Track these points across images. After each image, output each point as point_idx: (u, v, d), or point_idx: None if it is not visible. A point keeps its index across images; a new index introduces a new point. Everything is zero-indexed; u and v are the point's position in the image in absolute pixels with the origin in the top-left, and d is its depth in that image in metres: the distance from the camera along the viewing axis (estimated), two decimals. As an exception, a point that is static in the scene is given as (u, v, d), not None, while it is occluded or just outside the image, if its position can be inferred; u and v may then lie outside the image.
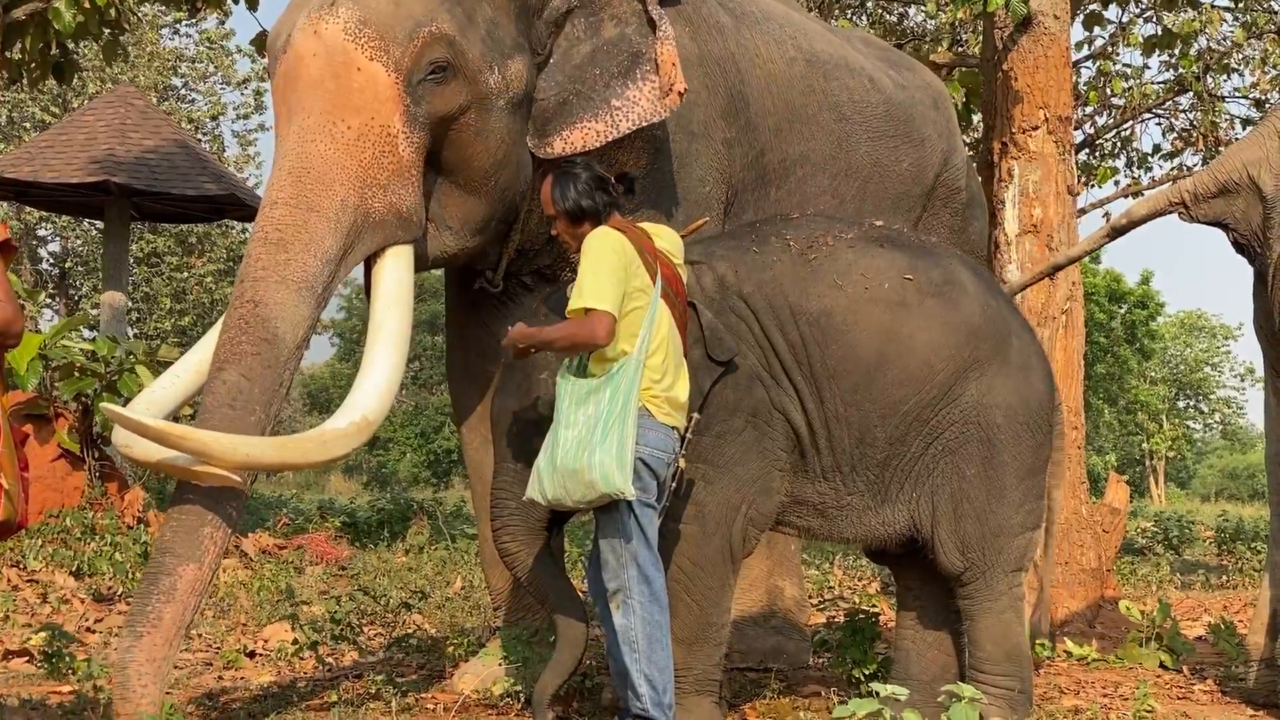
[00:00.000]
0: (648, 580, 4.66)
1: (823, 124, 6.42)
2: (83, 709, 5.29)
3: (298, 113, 5.13)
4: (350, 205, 5.05)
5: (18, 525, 4.06)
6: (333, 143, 5.07)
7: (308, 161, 5.05)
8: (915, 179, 6.83)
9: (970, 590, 5.37)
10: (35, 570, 8.66)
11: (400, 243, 5.22)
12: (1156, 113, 17.08)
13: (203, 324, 26.04)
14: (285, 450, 4.88)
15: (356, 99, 5.10)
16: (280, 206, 5.02)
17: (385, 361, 5.05)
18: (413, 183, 5.20)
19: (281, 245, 4.96)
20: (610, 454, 4.50)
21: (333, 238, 5.01)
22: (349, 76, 5.10)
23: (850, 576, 11.32)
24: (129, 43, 21.63)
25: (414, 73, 5.15)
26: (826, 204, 6.34)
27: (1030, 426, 5.38)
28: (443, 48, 5.19)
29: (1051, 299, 7.66)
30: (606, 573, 4.68)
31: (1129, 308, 38.85)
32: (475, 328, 6.03)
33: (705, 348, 5.01)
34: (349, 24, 5.11)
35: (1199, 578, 12.19)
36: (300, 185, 5.03)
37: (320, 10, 5.15)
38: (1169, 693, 6.43)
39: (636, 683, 4.58)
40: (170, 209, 16.20)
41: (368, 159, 5.08)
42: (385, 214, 5.14)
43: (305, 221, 4.99)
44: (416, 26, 5.15)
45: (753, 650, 6.57)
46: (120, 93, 16.87)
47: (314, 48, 5.12)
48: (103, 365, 10.44)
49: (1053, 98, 7.78)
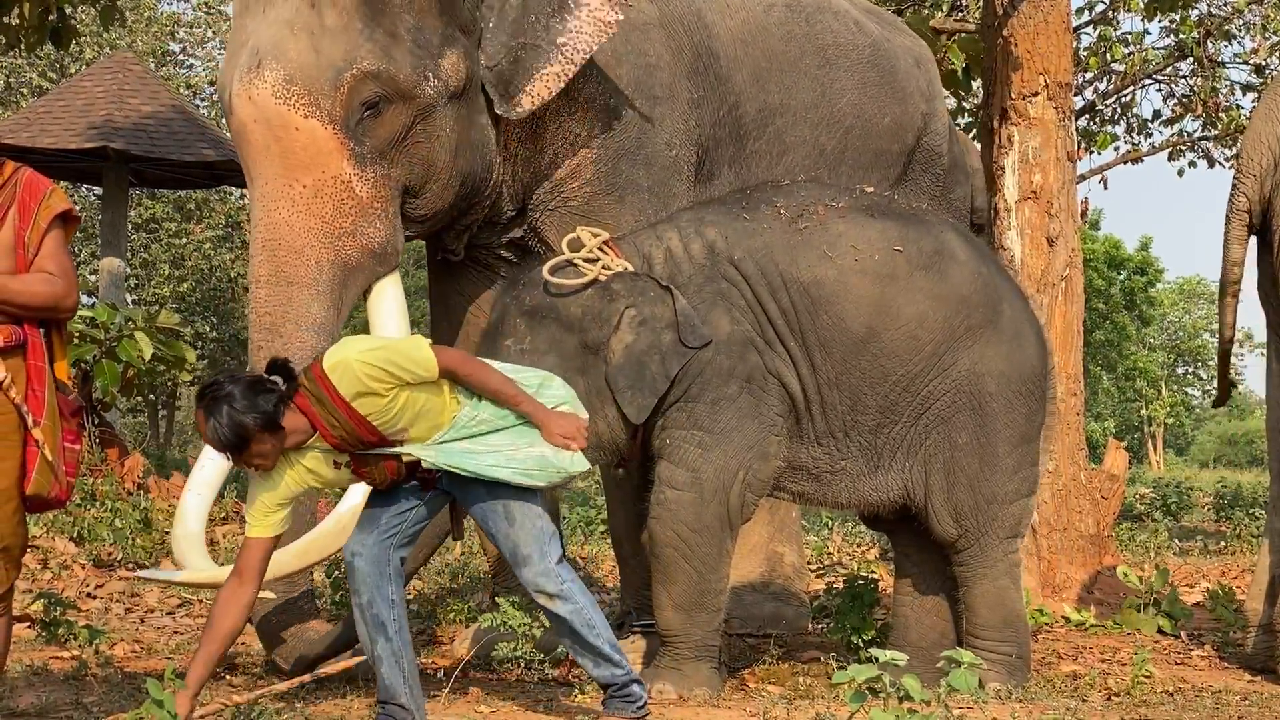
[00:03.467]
0: (564, 558, 4.54)
1: (805, 69, 6.35)
2: (84, 674, 5.30)
3: (257, 178, 5.27)
4: (325, 263, 5.18)
5: (56, 499, 4.06)
6: (293, 205, 5.18)
7: (275, 232, 5.18)
8: (895, 136, 6.75)
9: (966, 557, 5.40)
10: (36, 536, 8.65)
11: (382, 277, 5.36)
12: (1157, 78, 17.04)
13: (201, 289, 26.01)
14: (308, 556, 5.11)
15: (303, 157, 5.18)
16: (263, 286, 5.20)
17: None
18: (378, 217, 5.29)
19: (274, 330, 5.15)
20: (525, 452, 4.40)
21: (319, 304, 5.18)
22: (290, 138, 5.17)
23: (849, 543, 11.34)
24: (126, 7, 21.56)
25: (349, 117, 5.20)
26: (806, 155, 6.29)
27: (1023, 394, 5.39)
28: (371, 84, 5.20)
29: (1050, 266, 7.65)
30: (531, 567, 4.44)
31: (1128, 274, 38.78)
32: (457, 297, 6.06)
33: (678, 332, 5.02)
34: (275, 86, 5.14)
35: (1197, 544, 12.21)
36: (275, 260, 5.17)
37: (248, 74, 5.19)
38: (1167, 658, 6.45)
39: (608, 654, 4.53)
40: (168, 175, 16.19)
41: (329, 212, 5.19)
42: (360, 258, 5.26)
43: (289, 298, 5.15)
44: (339, 73, 5.17)
45: (752, 616, 6.59)
46: (118, 58, 16.84)
47: (251, 113, 5.20)
48: (102, 332, 10.44)
49: (1053, 64, 7.74)
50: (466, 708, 4.86)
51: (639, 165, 5.77)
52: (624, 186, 5.73)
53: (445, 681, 5.17)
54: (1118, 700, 5.44)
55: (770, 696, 5.22)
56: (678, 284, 5.13)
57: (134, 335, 10.41)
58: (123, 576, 8.06)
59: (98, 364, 10.33)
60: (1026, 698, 5.30)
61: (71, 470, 4.09)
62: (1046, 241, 7.64)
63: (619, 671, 4.56)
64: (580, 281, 5.11)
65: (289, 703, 4.85)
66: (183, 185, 17.92)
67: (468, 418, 4.36)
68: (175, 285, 26.05)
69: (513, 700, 5.05)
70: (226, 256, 25.43)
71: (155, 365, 10.78)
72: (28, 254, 4.02)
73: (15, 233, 4.00)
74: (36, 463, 3.96)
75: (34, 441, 3.96)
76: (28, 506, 4.04)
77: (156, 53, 25.72)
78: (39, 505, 4.08)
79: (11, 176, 4.04)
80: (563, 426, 4.38)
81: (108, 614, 7.05)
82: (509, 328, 5.08)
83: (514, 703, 5.01)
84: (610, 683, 4.58)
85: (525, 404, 4.39)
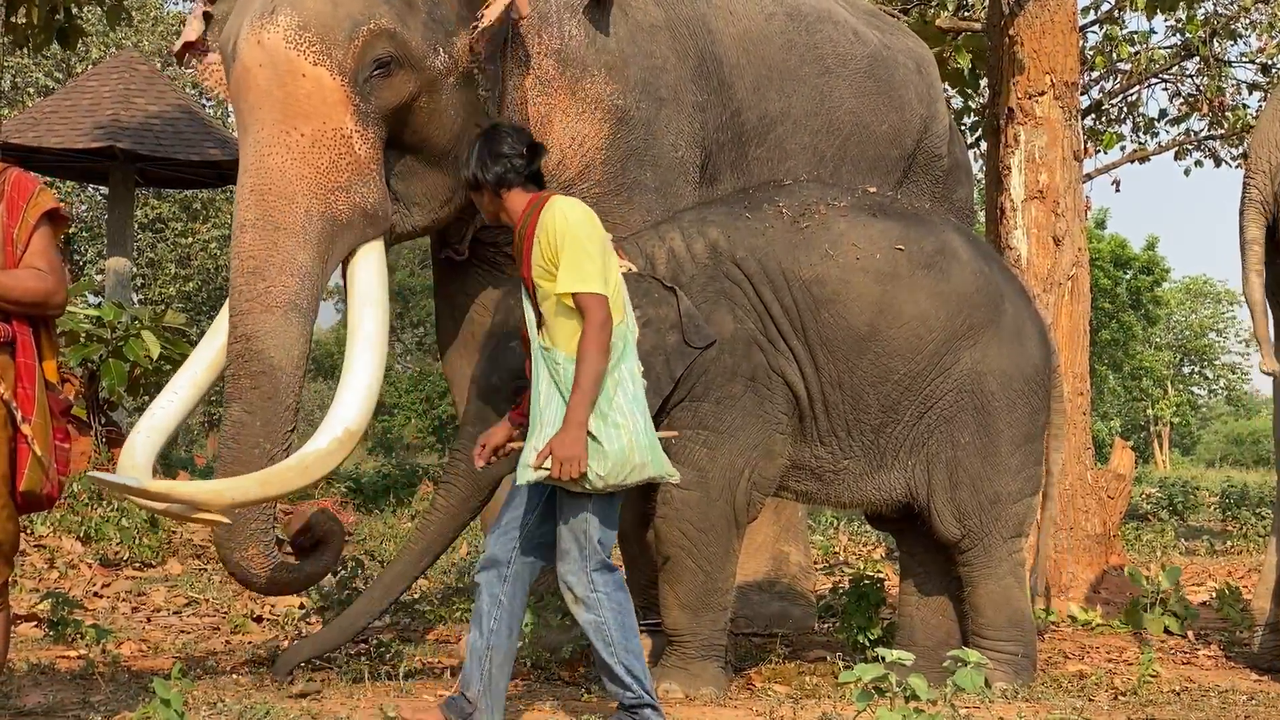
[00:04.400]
0: (609, 569, 4.48)
1: (804, 78, 6.37)
2: (90, 673, 5.31)
3: (252, 125, 5.20)
4: (315, 214, 5.14)
5: (47, 497, 4.03)
6: (288, 153, 5.14)
7: (267, 178, 5.13)
8: (893, 142, 6.78)
9: (969, 557, 5.40)
10: (43, 536, 8.67)
11: (371, 239, 5.30)
12: (1163, 78, 17.01)
13: (207, 289, 26.04)
14: (269, 485, 4.93)
15: (305, 105, 5.14)
16: (249, 230, 5.14)
17: (364, 367, 5.15)
18: (373, 178, 5.26)
19: (258, 273, 5.10)
20: (647, 435, 4.37)
21: (305, 251, 5.12)
22: (295, 84, 5.13)
23: (855, 543, 11.35)
24: (132, 7, 21.56)
25: (359, 72, 5.18)
26: (806, 162, 6.31)
27: (1026, 393, 5.40)
28: (384, 42, 5.19)
29: (1057, 265, 7.65)
30: (567, 564, 4.42)
31: (1134, 274, 38.76)
32: (463, 296, 6.05)
33: (683, 333, 5.02)
34: (289, 31, 5.12)
35: (1203, 543, 12.22)
36: (264, 204, 5.12)
37: (261, 18, 5.17)
38: (1173, 658, 6.46)
39: (620, 675, 4.43)
40: (174, 174, 16.19)
41: (325, 164, 5.15)
42: (351, 215, 5.22)
43: (275, 242, 5.10)
44: (355, 25, 5.16)
45: (758, 615, 6.59)
46: (124, 58, 16.84)
47: (259, 57, 5.15)
48: (108, 331, 10.44)
49: (1059, 63, 7.74)
50: (473, 707, 4.85)
51: (646, 166, 5.77)
52: (631, 187, 5.74)
53: (453, 681, 5.18)
54: (1124, 700, 5.44)
55: (776, 696, 5.23)
56: (680, 284, 5.13)
57: (141, 334, 10.41)
58: (129, 576, 8.07)
59: (104, 363, 10.32)
60: (1033, 697, 5.31)
61: (63, 469, 4.07)
62: (1053, 241, 7.65)
63: (628, 694, 4.45)
64: None
65: (295, 700, 4.85)
66: (189, 185, 17.91)
67: (566, 367, 4.33)
68: (181, 284, 26.07)
69: (519, 700, 5.05)
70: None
71: (162, 364, 10.78)
72: (16, 251, 4.01)
73: (4, 230, 4.00)
74: (28, 460, 3.94)
75: (24, 439, 3.95)
76: (19, 505, 4.03)
77: (163, 52, 25.71)
78: (31, 504, 4.05)
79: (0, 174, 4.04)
80: (565, 448, 4.24)
81: (114, 613, 7.05)
82: (515, 329, 5.07)
83: (521, 702, 5.01)
84: (620, 701, 4.49)
85: (578, 406, 4.27)
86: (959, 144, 7.62)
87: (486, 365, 5.09)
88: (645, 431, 4.36)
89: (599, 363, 4.28)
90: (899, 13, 12.71)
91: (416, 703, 4.89)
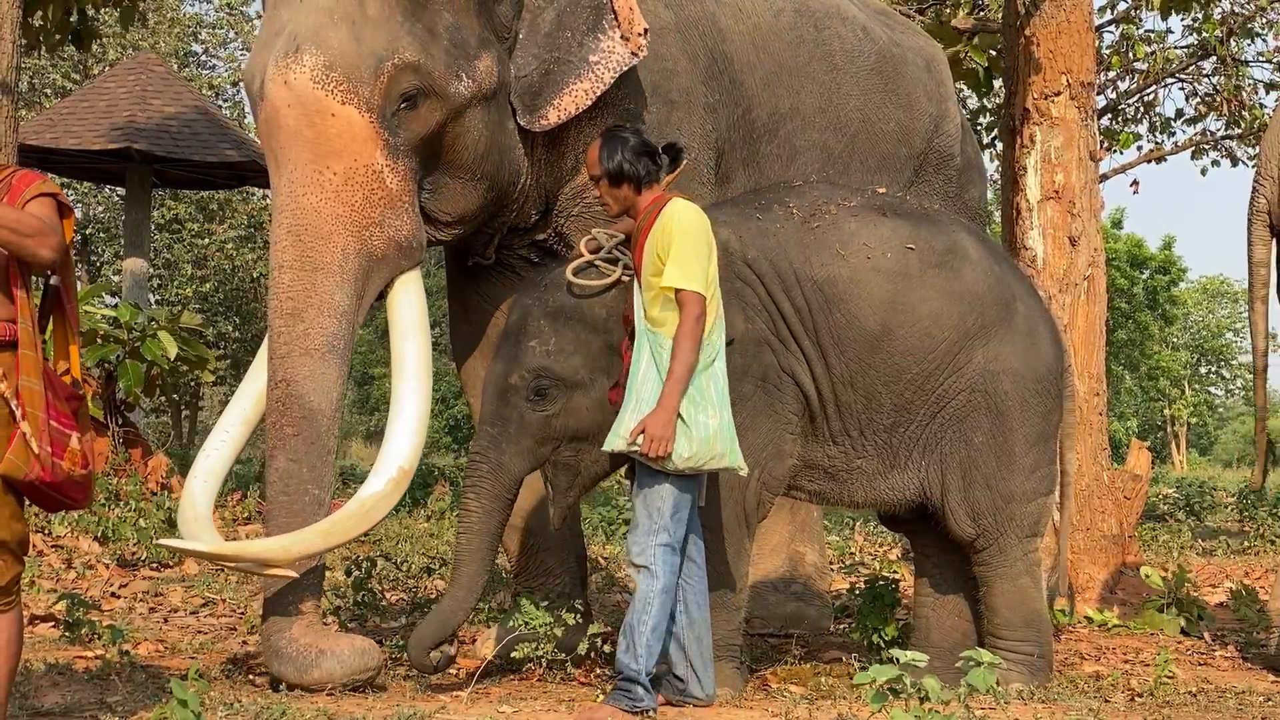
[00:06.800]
0: (674, 551, 4.77)
1: (813, 75, 6.37)
2: (107, 674, 5.32)
3: (284, 164, 5.23)
4: (352, 252, 5.18)
5: (40, 480, 3.95)
6: (322, 192, 5.17)
7: (303, 218, 5.17)
8: (902, 140, 6.78)
9: (984, 557, 5.40)
10: (60, 536, 8.71)
11: (406, 270, 5.35)
12: (1179, 77, 17.00)
13: (224, 290, 26.06)
14: (331, 535, 5.09)
15: (336, 144, 5.17)
16: (287, 271, 5.17)
17: (411, 404, 5.24)
18: (406, 210, 5.30)
19: (297, 315, 5.14)
20: (730, 429, 4.77)
21: (343, 291, 5.17)
22: (325, 124, 5.16)
23: (871, 543, 11.34)
24: (148, 9, 21.63)
25: (386, 107, 5.21)
26: (815, 159, 6.33)
27: (1039, 392, 5.39)
28: (410, 76, 5.22)
29: (1073, 265, 7.63)
30: (635, 533, 4.79)
31: (1151, 273, 38.66)
32: (476, 298, 6.07)
33: None
34: (315, 71, 5.14)
35: (1220, 544, 12.19)
36: (301, 245, 5.16)
37: (286, 58, 5.18)
38: (1190, 659, 6.44)
39: (636, 645, 4.71)
40: (191, 175, 16.24)
41: (358, 201, 5.19)
42: (387, 249, 5.27)
43: (314, 283, 5.15)
44: (380, 61, 5.17)
45: (773, 616, 6.59)
46: (141, 59, 16.89)
47: (286, 98, 5.18)
48: (125, 332, 10.48)
49: (1075, 63, 7.73)
50: (489, 707, 4.87)
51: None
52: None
53: (467, 682, 5.18)
54: (1140, 701, 5.43)
55: (792, 696, 5.22)
56: (693, 284, 5.13)
57: (158, 335, 10.45)
58: (146, 576, 8.10)
59: (121, 364, 10.37)
60: (1049, 698, 5.30)
61: (59, 452, 4.00)
62: (1069, 241, 7.63)
63: (634, 666, 4.69)
64: (604, 283, 5.10)
65: (311, 701, 4.86)
66: (205, 186, 17.96)
67: (669, 349, 4.71)
68: (198, 285, 26.10)
69: (535, 700, 5.05)
70: (249, 257, 25.46)
71: (178, 365, 10.82)
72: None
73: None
74: (13, 443, 3.91)
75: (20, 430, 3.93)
76: (48, 504, 4.04)
77: (179, 54, 25.79)
78: (28, 491, 3.99)
79: (7, 176, 4.05)
80: (657, 427, 4.63)
81: (131, 613, 7.07)
82: (533, 329, 5.07)
83: (536, 703, 5.01)
84: (620, 671, 4.72)
85: (671, 391, 4.67)
86: (971, 143, 7.61)
87: (505, 365, 5.09)
88: (729, 425, 4.76)
89: (691, 354, 4.69)
90: (915, 12, 12.70)
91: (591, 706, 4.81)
